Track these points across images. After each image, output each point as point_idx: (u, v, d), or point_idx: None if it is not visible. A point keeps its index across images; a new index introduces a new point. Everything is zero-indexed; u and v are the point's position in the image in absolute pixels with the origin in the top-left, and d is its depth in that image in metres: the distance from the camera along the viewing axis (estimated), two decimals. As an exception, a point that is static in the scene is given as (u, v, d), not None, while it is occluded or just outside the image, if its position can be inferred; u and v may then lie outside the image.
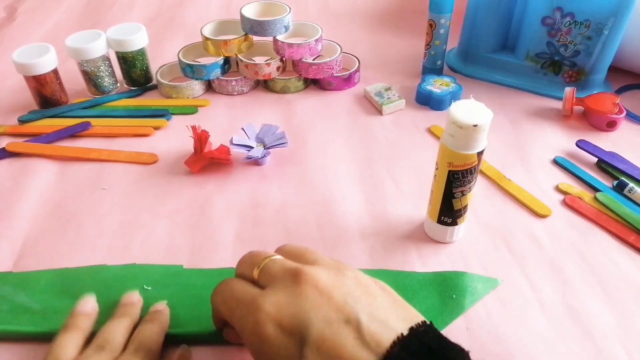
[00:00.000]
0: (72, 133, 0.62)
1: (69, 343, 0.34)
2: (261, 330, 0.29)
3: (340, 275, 0.31)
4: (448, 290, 0.42)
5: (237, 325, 0.31)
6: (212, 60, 0.69)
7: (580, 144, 0.58)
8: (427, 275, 0.44)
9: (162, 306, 0.40)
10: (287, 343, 0.28)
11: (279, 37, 0.68)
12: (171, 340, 0.38)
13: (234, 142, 0.56)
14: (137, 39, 0.67)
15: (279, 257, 0.34)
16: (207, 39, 0.68)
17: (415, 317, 0.30)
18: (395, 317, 0.29)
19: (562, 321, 0.41)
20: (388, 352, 0.26)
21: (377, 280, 0.33)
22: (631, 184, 0.52)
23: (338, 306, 0.28)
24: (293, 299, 0.29)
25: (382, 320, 0.28)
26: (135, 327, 0.37)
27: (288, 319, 0.28)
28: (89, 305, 0.38)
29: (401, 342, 0.27)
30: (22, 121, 0.65)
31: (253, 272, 0.33)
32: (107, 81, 0.69)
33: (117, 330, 0.36)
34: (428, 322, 0.29)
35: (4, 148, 0.59)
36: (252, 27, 0.67)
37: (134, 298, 0.40)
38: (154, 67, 0.72)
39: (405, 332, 0.27)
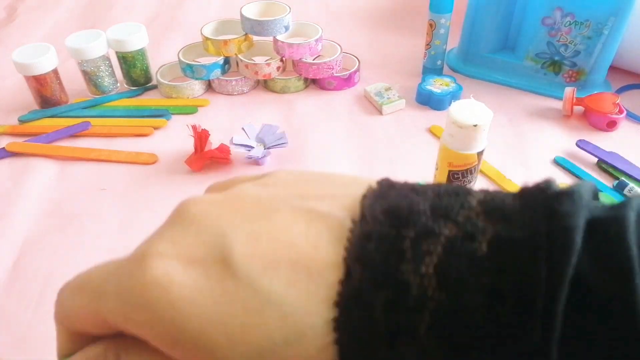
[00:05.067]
0: (72, 133, 0.62)
1: None
2: (155, 282, 0.15)
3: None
4: None
5: (114, 310, 0.16)
6: (212, 60, 0.69)
7: (580, 144, 0.58)
8: None
9: None
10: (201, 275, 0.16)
11: (279, 37, 0.68)
12: None
13: (234, 142, 0.56)
14: (137, 39, 0.67)
15: None
16: (207, 39, 0.68)
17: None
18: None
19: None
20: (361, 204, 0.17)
21: None
22: (631, 184, 0.52)
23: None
24: (185, 226, 0.17)
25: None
26: None
27: (191, 247, 0.16)
28: None
29: (372, 191, 0.17)
30: (22, 121, 0.65)
31: None
32: (107, 81, 0.69)
33: None
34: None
35: (4, 148, 0.59)
36: (252, 27, 0.67)
37: None
38: (154, 67, 0.72)
39: (374, 185, 0.18)
